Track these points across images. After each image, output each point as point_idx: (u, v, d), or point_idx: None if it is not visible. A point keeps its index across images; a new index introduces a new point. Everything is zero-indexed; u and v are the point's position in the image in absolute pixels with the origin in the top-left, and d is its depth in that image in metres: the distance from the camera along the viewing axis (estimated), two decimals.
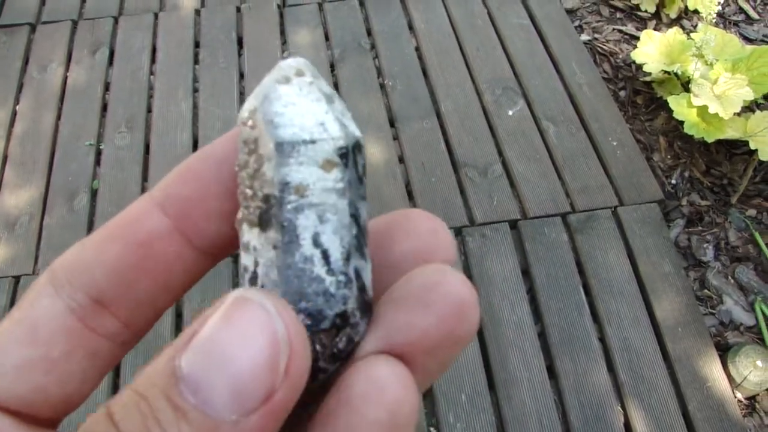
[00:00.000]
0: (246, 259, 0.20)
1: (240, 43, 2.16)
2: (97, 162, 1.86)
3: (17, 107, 1.98)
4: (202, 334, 0.17)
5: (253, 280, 0.20)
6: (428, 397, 1.46)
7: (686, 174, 1.84)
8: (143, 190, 1.79)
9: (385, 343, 0.20)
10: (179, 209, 0.22)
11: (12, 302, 1.57)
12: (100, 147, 1.89)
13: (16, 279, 1.62)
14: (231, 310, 0.18)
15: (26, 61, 2.10)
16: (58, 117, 1.96)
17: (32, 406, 0.20)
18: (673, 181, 1.83)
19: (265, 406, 0.17)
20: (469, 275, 1.61)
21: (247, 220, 0.20)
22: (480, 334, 1.53)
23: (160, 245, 0.22)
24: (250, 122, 0.20)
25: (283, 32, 2.18)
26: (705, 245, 1.71)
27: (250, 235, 0.20)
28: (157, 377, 0.17)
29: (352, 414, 0.18)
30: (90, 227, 1.72)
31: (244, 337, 0.17)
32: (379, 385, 0.18)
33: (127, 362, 1.48)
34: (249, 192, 0.20)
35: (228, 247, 0.23)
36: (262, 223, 0.20)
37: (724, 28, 2.23)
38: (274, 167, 0.19)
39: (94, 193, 1.79)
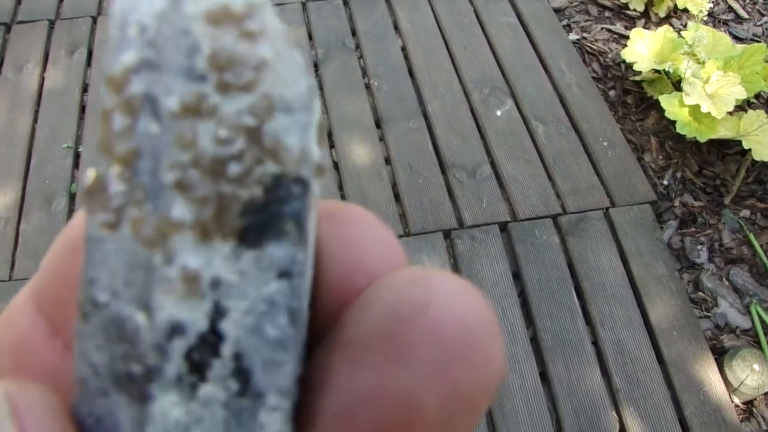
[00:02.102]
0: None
1: None
2: (76, 165, 1.81)
3: None
4: None
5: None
6: None
7: (678, 174, 1.81)
8: None
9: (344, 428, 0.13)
10: (54, 311, 0.17)
11: None
12: (79, 150, 1.83)
13: None
14: None
15: (1, 62, 2.04)
16: (35, 119, 1.90)
17: None
18: (666, 182, 1.80)
19: None
20: None
21: None
22: None
23: (34, 355, 0.17)
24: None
25: None
26: (699, 247, 1.68)
27: None
28: None
29: None
30: None
31: None
32: None
33: None
34: None
35: None
36: None
37: (714, 27, 2.20)
38: None
39: (72, 197, 1.73)
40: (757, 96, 1.91)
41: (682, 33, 1.91)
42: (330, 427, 0.13)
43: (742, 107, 1.85)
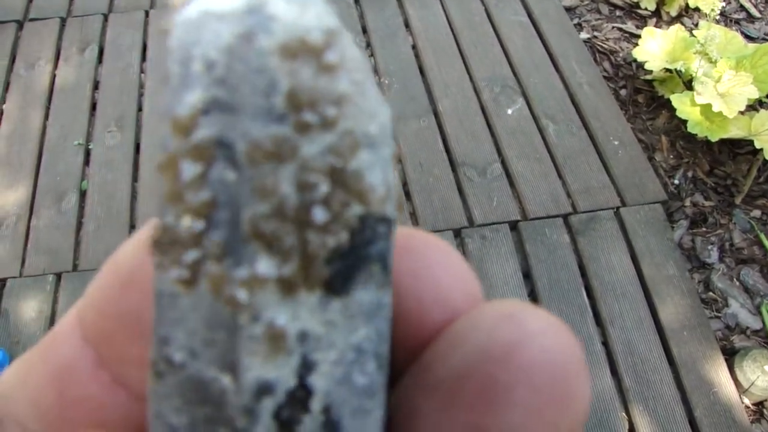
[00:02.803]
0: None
1: None
2: (86, 162, 1.81)
3: (4, 106, 1.93)
4: None
5: None
6: None
7: (689, 174, 1.80)
8: (133, 190, 1.74)
9: None
10: (101, 342, 0.16)
11: None
12: (89, 146, 1.84)
13: (2, 282, 1.57)
14: None
15: (13, 59, 2.05)
16: (46, 116, 1.91)
17: None
18: (676, 182, 1.79)
19: None
20: None
21: None
22: None
23: (79, 386, 0.16)
24: None
25: None
26: (709, 247, 1.67)
27: None
28: None
29: None
30: (78, 228, 1.67)
31: None
32: None
33: None
34: None
35: None
36: None
37: (726, 26, 2.19)
38: None
39: (83, 194, 1.74)
40: None
41: (694, 32, 1.90)
42: None
43: (753, 107, 1.84)
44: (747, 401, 1.45)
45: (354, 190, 0.12)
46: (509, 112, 1.90)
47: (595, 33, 2.18)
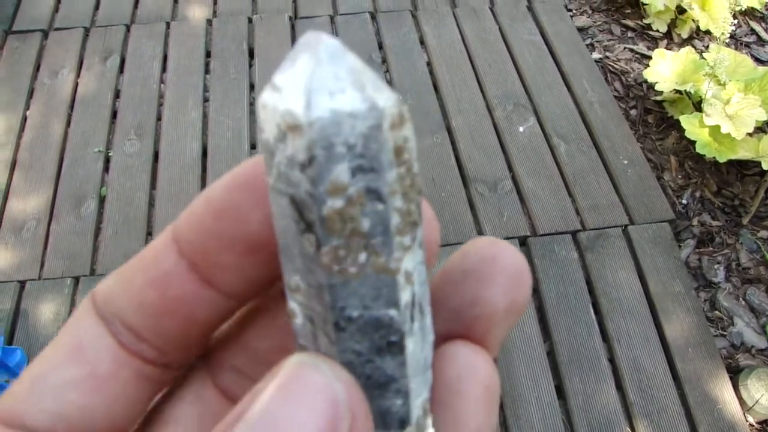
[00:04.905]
0: (292, 303, 0.19)
1: (251, 54, 2.16)
2: (106, 169, 1.85)
3: (27, 112, 1.98)
4: (257, 407, 0.16)
5: (304, 331, 0.19)
6: None
7: (697, 194, 1.83)
8: (151, 198, 1.78)
9: (455, 322, 0.21)
10: (194, 256, 0.20)
11: (18, 307, 1.56)
12: (109, 154, 1.88)
13: (22, 284, 1.61)
14: (288, 381, 0.17)
15: (38, 67, 2.10)
16: (68, 123, 1.95)
17: (75, 429, 0.20)
18: (684, 201, 1.82)
19: None
20: None
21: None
22: None
23: (177, 287, 0.21)
24: None
25: (294, 44, 2.18)
26: (716, 266, 1.70)
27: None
28: None
29: (456, 395, 0.20)
30: (97, 234, 1.71)
31: (303, 409, 0.16)
32: (472, 367, 0.20)
33: None
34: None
35: (253, 291, 0.22)
36: None
37: (736, 49, 2.22)
38: None
39: (102, 200, 1.78)
40: None
41: (704, 54, 1.93)
42: (445, 324, 0.21)
43: (761, 129, 1.87)
44: (751, 419, 1.47)
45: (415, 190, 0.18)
46: (521, 129, 1.93)
47: (607, 53, 2.22)
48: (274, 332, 0.23)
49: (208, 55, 2.15)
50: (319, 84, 0.16)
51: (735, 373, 1.51)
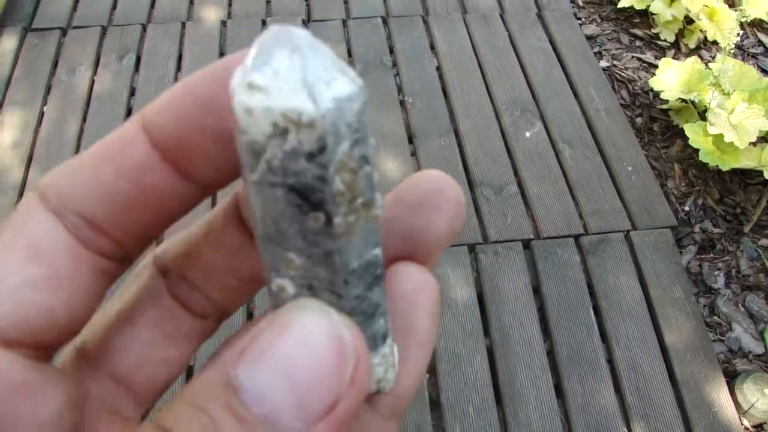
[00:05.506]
0: (280, 280, 0.20)
1: None
2: None
3: (44, 108, 2.02)
4: (259, 344, 0.17)
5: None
6: (436, 409, 1.47)
7: (700, 201, 1.86)
8: None
9: (406, 244, 0.23)
10: (167, 145, 0.20)
11: None
12: None
13: None
14: (291, 319, 0.18)
15: (56, 64, 2.14)
16: (84, 119, 2.00)
17: (36, 331, 0.19)
18: (687, 208, 1.84)
19: (331, 414, 0.17)
20: (481, 292, 1.62)
21: None
22: (489, 349, 1.54)
23: (150, 178, 0.20)
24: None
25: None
26: (716, 272, 1.72)
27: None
28: (216, 390, 0.17)
29: (412, 305, 0.23)
30: None
31: (307, 344, 0.17)
32: (425, 282, 0.23)
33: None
34: None
35: (224, 181, 0.22)
36: None
37: (743, 59, 2.25)
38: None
39: None
40: None
41: (710, 64, 1.96)
42: (398, 246, 0.23)
43: (765, 138, 1.89)
44: (746, 423, 1.49)
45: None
46: (527, 135, 1.96)
47: (615, 62, 2.24)
48: (224, 250, 0.23)
49: (222, 55, 2.19)
50: (314, 77, 0.17)
51: (732, 378, 1.54)
